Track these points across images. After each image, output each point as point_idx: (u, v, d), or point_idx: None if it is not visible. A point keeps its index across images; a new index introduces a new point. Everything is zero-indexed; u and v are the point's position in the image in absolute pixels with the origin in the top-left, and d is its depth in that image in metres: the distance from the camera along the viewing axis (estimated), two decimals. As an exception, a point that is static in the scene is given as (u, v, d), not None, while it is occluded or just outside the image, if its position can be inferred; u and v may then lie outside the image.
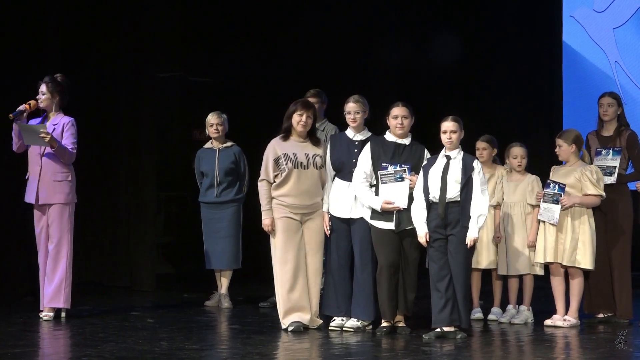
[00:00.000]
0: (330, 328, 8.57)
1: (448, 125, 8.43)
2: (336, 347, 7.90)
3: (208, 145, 10.14)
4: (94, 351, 7.54)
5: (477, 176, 8.30)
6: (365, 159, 8.47)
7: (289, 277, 8.50)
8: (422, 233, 8.26)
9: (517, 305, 9.18)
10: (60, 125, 8.95)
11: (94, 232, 11.39)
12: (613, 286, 9.04)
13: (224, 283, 10.05)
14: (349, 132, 8.72)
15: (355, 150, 8.57)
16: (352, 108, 8.69)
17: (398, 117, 8.53)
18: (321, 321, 8.67)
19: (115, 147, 11.43)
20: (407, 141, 8.57)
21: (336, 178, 8.63)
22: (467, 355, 7.59)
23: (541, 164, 9.67)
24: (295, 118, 8.58)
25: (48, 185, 8.94)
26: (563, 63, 12.29)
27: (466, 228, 8.19)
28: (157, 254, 11.74)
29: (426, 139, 8.81)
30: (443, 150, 8.43)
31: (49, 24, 10.83)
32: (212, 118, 10.04)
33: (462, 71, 12.86)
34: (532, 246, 8.99)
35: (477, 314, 9.22)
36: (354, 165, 8.51)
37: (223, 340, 8.09)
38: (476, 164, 8.39)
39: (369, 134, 8.71)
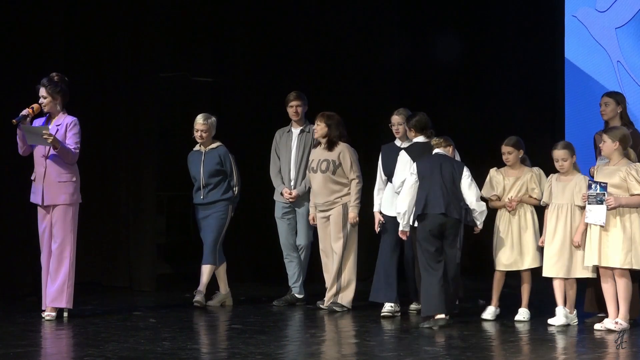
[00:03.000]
0: (382, 314, 9.34)
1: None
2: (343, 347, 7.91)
3: (196, 147, 10.14)
4: (96, 351, 7.54)
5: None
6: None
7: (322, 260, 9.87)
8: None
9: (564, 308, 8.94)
10: (64, 126, 8.96)
11: (95, 232, 11.37)
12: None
13: (202, 279, 9.89)
14: (397, 142, 9.63)
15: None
16: (395, 120, 9.62)
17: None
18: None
19: (116, 147, 11.42)
20: (407, 144, 9.31)
21: (388, 182, 9.53)
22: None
23: (543, 163, 9.64)
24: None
25: (53, 186, 8.95)
26: (565, 63, 12.27)
27: None
28: (158, 254, 11.72)
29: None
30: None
31: (51, 25, 10.83)
32: (197, 123, 9.97)
33: (464, 71, 12.85)
34: (578, 247, 8.83)
35: (488, 314, 9.20)
36: None
37: (225, 340, 8.08)
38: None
39: (412, 141, 9.36)
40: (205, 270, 9.94)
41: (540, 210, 9.23)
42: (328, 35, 12.33)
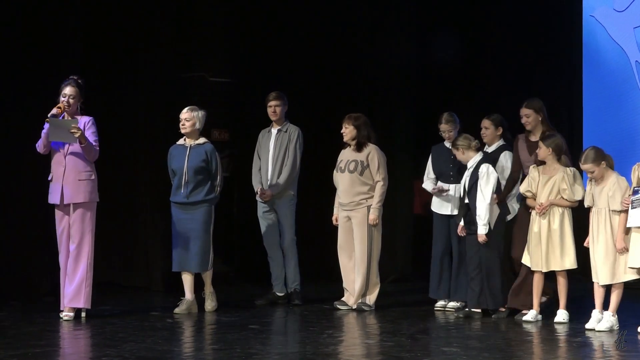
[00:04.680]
0: (435, 309, 9.89)
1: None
2: (356, 347, 7.90)
3: (180, 141, 9.80)
4: (114, 351, 7.56)
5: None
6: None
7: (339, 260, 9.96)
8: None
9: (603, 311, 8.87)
10: (81, 124, 8.99)
11: (114, 233, 11.41)
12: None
13: (207, 282, 9.74)
14: (446, 143, 9.96)
15: (452, 157, 9.78)
16: (444, 128, 9.94)
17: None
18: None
19: (134, 148, 11.45)
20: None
21: (439, 182, 9.96)
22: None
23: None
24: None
25: (72, 184, 8.99)
26: (583, 63, 12.24)
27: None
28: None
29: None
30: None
31: (70, 26, 10.85)
32: (182, 113, 9.69)
33: (481, 71, 12.83)
34: (622, 253, 8.75)
35: (530, 316, 9.22)
36: (451, 170, 9.90)
37: (242, 340, 8.09)
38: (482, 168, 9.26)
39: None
40: (208, 274, 9.71)
41: (579, 211, 9.23)
42: (347, 37, 12.36)
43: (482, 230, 9.32)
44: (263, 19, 12.31)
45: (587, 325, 8.79)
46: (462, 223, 9.57)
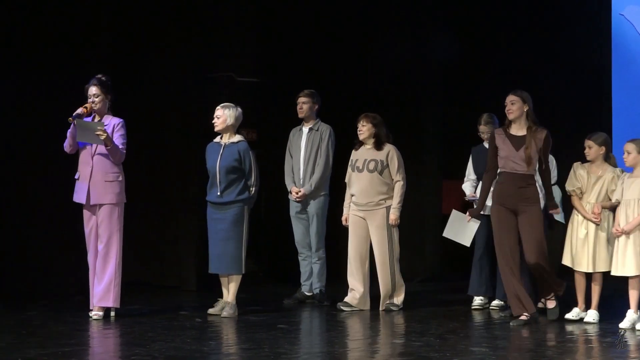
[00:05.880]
0: (473, 307, 9.94)
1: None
2: (378, 348, 7.89)
3: (217, 139, 9.58)
4: (143, 350, 7.59)
5: None
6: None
7: (349, 260, 9.83)
8: None
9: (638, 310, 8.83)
10: (111, 126, 9.02)
11: (143, 232, 11.45)
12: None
13: (230, 289, 9.46)
14: (485, 144, 9.98)
15: None
16: (483, 129, 10.00)
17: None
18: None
19: (163, 147, 11.49)
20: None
21: (480, 181, 9.83)
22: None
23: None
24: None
25: (99, 185, 9.01)
26: (612, 61, 12.19)
27: None
28: (205, 254, 11.76)
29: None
30: None
31: (97, 26, 10.91)
32: (215, 110, 9.53)
33: (510, 70, 12.78)
34: (619, 233, 8.78)
35: (572, 314, 9.19)
36: None
37: (271, 340, 8.09)
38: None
39: None
40: (235, 280, 9.44)
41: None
42: (377, 36, 12.37)
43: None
44: (291, 18, 12.32)
45: (621, 325, 8.75)
46: None
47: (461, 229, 9.54)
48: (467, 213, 9.37)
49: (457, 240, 9.66)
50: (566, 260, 9.23)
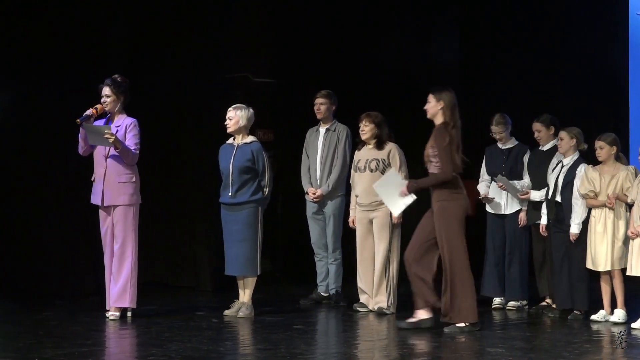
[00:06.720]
0: (493, 307, 9.99)
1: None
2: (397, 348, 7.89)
3: (229, 140, 9.55)
4: (160, 350, 7.60)
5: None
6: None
7: (357, 263, 9.77)
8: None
9: None
10: (124, 127, 9.03)
11: (159, 233, 11.47)
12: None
13: (246, 290, 9.42)
14: (499, 144, 10.11)
15: (504, 157, 10.02)
16: (495, 130, 10.02)
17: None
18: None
19: (179, 148, 11.51)
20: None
21: (492, 182, 10.05)
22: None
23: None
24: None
25: (112, 186, 9.02)
26: (630, 62, 12.16)
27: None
28: (221, 254, 11.78)
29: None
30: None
31: (114, 27, 10.93)
32: (227, 111, 9.50)
33: (529, 70, 12.76)
34: (633, 235, 8.76)
35: (598, 316, 9.17)
36: (504, 170, 9.97)
37: (287, 340, 8.10)
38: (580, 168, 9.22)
39: (516, 142, 10.11)
40: (250, 282, 9.40)
41: None
42: (391, 36, 12.36)
43: (575, 229, 9.21)
44: (307, 18, 12.32)
45: (634, 325, 8.72)
46: (544, 221, 9.55)
47: (396, 194, 8.99)
48: (406, 186, 8.91)
49: (386, 202, 9.21)
50: (588, 263, 9.20)
